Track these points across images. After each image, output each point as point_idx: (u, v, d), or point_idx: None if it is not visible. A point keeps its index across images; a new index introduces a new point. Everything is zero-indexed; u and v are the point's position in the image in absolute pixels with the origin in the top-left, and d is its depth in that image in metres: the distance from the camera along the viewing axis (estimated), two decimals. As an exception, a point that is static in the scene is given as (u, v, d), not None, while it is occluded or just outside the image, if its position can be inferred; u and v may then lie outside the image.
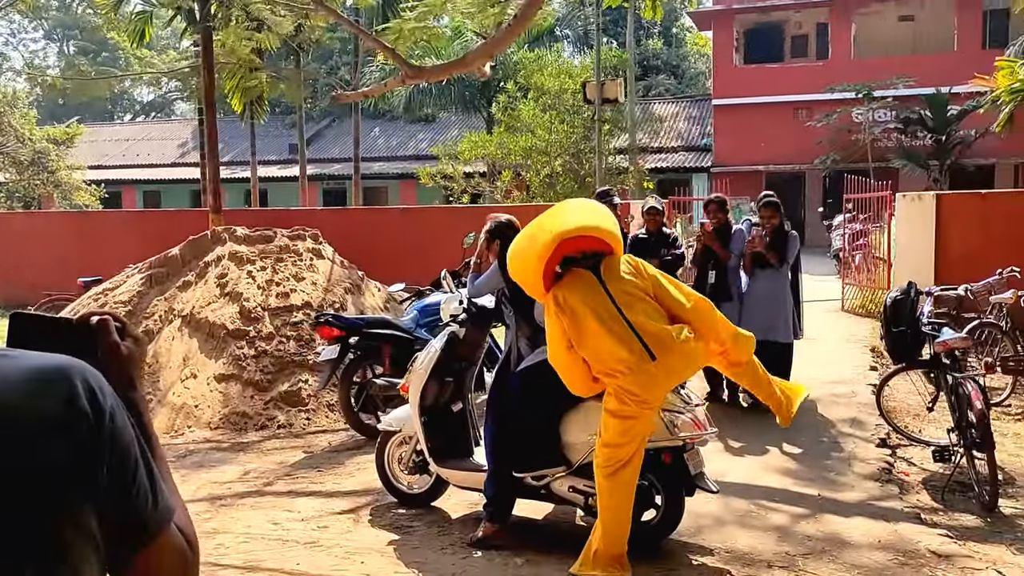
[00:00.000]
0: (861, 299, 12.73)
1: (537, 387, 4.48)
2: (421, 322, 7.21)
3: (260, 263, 8.42)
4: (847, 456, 5.83)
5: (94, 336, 1.15)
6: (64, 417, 0.98)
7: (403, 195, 30.33)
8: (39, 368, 1.00)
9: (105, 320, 1.16)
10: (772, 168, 25.97)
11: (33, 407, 0.97)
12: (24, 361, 1.00)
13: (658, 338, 3.83)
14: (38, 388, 0.98)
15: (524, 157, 19.63)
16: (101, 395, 1.02)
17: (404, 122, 34.36)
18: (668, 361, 3.84)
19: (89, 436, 0.99)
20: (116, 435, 1.03)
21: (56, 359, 1.02)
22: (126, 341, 1.17)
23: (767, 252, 6.72)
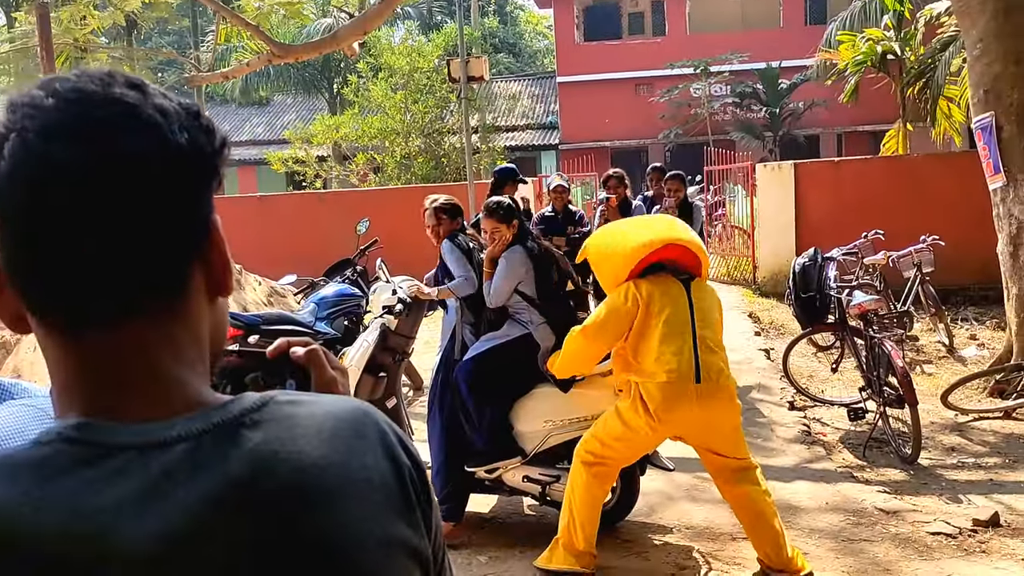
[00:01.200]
0: (726, 268, 13.29)
1: (487, 376, 4.31)
2: (320, 315, 6.83)
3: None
4: (767, 422, 6.02)
5: (294, 371, 0.91)
6: (394, 478, 0.76)
7: (242, 182, 28.97)
8: (340, 415, 0.76)
9: (316, 352, 0.91)
10: (617, 144, 26.69)
11: (358, 466, 0.74)
12: (320, 407, 0.76)
13: (712, 366, 3.69)
14: (354, 441, 0.75)
15: (379, 139, 19.13)
16: (411, 445, 0.81)
17: (237, 106, 32.79)
18: (707, 391, 3.66)
19: (417, 499, 0.78)
20: (434, 497, 0.82)
21: (348, 401, 0.79)
22: (337, 374, 0.93)
23: None
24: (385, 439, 0.77)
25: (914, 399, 5.00)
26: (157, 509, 0.65)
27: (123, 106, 0.70)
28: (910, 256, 8.23)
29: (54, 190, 0.66)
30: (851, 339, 5.94)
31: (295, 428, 0.72)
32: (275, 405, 0.73)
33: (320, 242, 11.96)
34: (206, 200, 0.75)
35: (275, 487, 0.69)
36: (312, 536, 0.69)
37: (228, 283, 0.78)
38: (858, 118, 22.85)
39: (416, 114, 19.04)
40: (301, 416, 0.73)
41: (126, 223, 0.68)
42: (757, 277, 12.01)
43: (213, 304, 0.78)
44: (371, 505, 0.73)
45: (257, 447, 0.69)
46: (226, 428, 0.70)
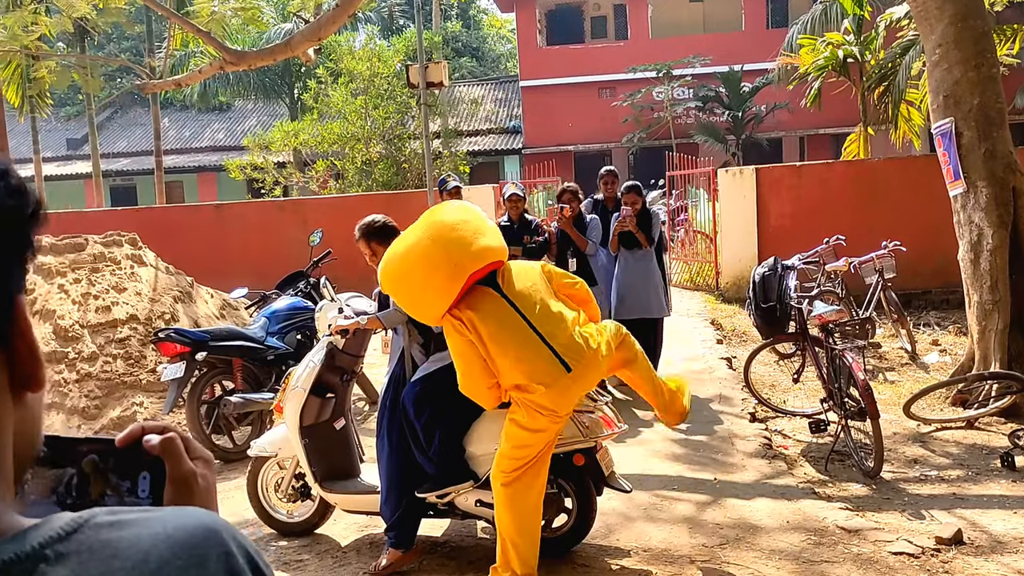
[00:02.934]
0: (688, 274, 13.24)
1: (435, 397, 4.15)
2: (272, 329, 6.63)
3: (73, 275, 7.42)
4: (727, 434, 5.91)
5: (147, 463, 0.76)
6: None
7: (202, 189, 28.52)
8: (176, 538, 0.61)
9: (171, 439, 0.77)
10: (581, 148, 26.65)
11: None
12: (148, 528, 0.61)
13: (572, 348, 3.60)
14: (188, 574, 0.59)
15: (339, 145, 18.87)
16: (263, 565, 0.66)
17: (197, 111, 32.28)
18: (583, 371, 3.63)
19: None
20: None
21: (190, 517, 0.64)
22: (197, 465, 0.78)
23: (638, 232, 6.71)
24: (230, 564, 0.63)
25: (876, 411, 4.91)
26: None
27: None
28: (872, 262, 8.20)
29: None
30: (812, 349, 5.86)
31: (111, 561, 0.57)
32: (90, 530, 0.59)
33: (279, 252, 11.71)
34: (12, 276, 0.63)
35: None
36: None
37: (39, 375, 0.65)
38: (820, 121, 22.98)
39: (377, 120, 18.82)
40: (122, 544, 0.59)
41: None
42: (720, 283, 11.96)
43: (20, 401, 0.65)
44: None
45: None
46: (20, 566, 0.55)
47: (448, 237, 3.55)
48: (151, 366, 7.04)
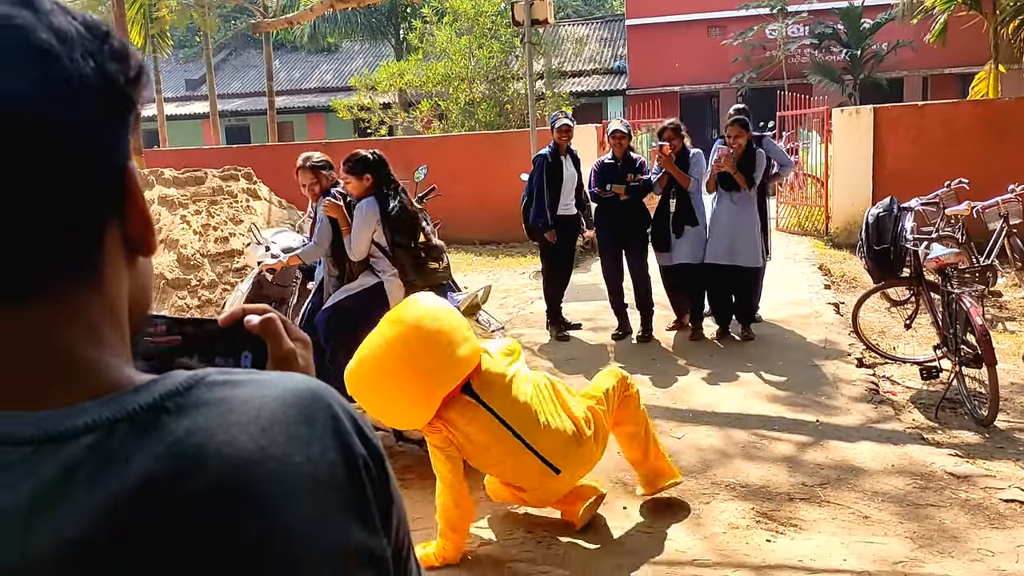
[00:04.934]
0: (797, 218, 12.84)
1: (342, 324, 4.54)
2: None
3: (194, 207, 7.79)
4: (832, 378, 5.79)
5: (248, 343, 0.79)
6: (346, 472, 0.64)
7: (311, 129, 29.17)
8: (285, 397, 0.63)
9: (272, 320, 0.78)
10: (687, 88, 25.94)
11: (300, 461, 0.61)
12: (261, 388, 0.63)
13: (557, 450, 3.48)
14: (298, 429, 0.62)
15: (443, 85, 18.92)
16: (369, 431, 0.68)
17: (306, 53, 32.87)
18: (572, 469, 3.57)
19: (375, 495, 0.66)
20: (396, 489, 0.69)
21: (297, 380, 0.66)
22: (296, 345, 0.80)
23: (736, 174, 6.50)
24: (337, 425, 0.65)
25: (993, 358, 4.71)
26: (53, 514, 0.54)
27: (12, 31, 0.57)
28: (996, 207, 7.77)
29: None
30: (927, 294, 5.63)
31: (228, 415, 0.59)
32: (206, 387, 0.61)
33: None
34: (119, 143, 0.63)
35: (200, 488, 0.56)
36: (246, 547, 0.57)
37: (151, 240, 0.66)
38: (946, 60, 21.65)
39: (480, 59, 18.75)
40: (236, 400, 0.61)
41: (23, 181, 0.56)
42: (830, 228, 11.56)
43: (133, 266, 0.67)
44: (317, 506, 0.61)
45: (180, 439, 0.57)
46: (144, 415, 0.58)
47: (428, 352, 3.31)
48: (265, 295, 7.36)
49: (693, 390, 5.72)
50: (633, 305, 7.12)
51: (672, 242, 6.79)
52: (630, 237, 6.95)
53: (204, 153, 14.31)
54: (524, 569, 3.43)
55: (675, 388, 5.78)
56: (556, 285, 7.30)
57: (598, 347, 6.96)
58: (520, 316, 8.25)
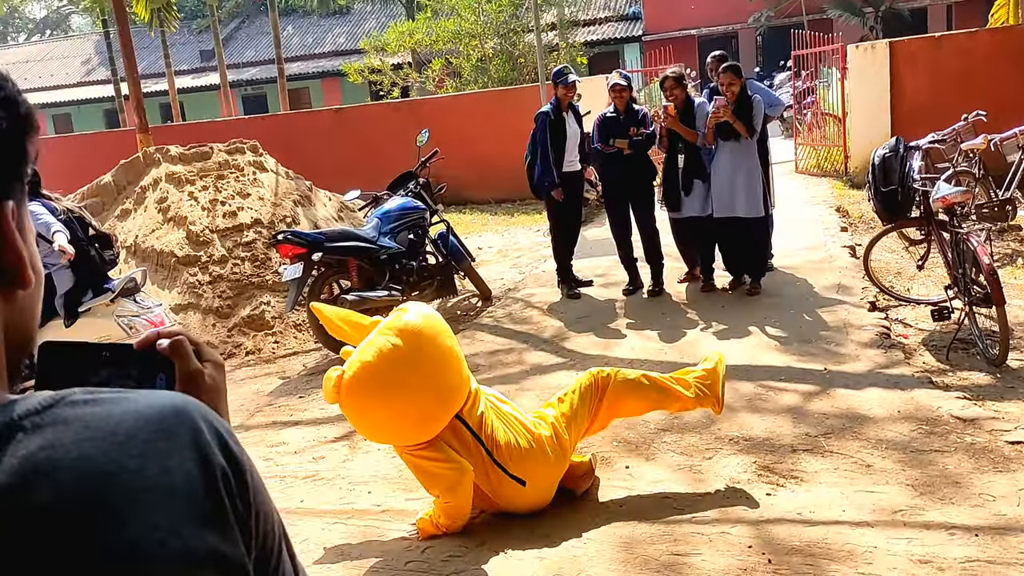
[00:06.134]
0: (816, 159, 12.60)
1: None
2: (384, 229, 6.80)
3: (200, 182, 7.82)
4: (842, 324, 5.71)
5: (162, 365, 0.83)
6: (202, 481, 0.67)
7: (326, 94, 29.03)
8: (146, 413, 0.67)
9: (180, 342, 0.83)
10: (704, 31, 25.39)
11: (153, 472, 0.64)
12: (121, 405, 0.67)
13: (525, 467, 3.45)
14: (155, 444, 0.66)
15: (453, 43, 18.70)
16: (233, 443, 0.71)
17: (318, 17, 32.66)
18: (536, 480, 3.51)
19: (232, 504, 0.68)
20: (260, 497, 0.72)
21: (163, 397, 0.70)
22: (206, 366, 0.85)
23: (736, 122, 6.33)
24: (198, 438, 0.68)
25: (1001, 298, 4.61)
26: None
27: None
28: (1015, 138, 7.54)
29: None
30: (938, 234, 5.51)
31: (84, 431, 0.63)
32: (66, 405, 0.65)
33: (396, 153, 11.86)
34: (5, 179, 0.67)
35: (47, 499, 0.60)
36: (92, 553, 0.60)
37: (24, 275, 0.69)
38: (970, -14, 20.97)
39: (490, 14, 18.47)
40: (95, 417, 0.65)
41: None
42: (849, 168, 11.34)
43: (11, 299, 0.70)
44: (169, 515, 0.64)
45: (31, 454, 0.61)
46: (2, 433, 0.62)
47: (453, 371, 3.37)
48: (276, 267, 7.40)
49: (701, 343, 5.68)
50: (643, 259, 7.06)
51: (682, 199, 6.68)
52: (636, 191, 6.87)
53: (215, 126, 14.34)
54: (523, 534, 3.45)
55: (683, 342, 5.74)
56: (564, 243, 7.25)
57: (609, 303, 6.92)
58: (532, 275, 8.23)
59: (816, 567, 3.02)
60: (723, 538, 3.28)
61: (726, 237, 6.62)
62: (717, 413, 3.99)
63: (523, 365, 5.70)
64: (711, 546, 3.23)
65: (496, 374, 5.54)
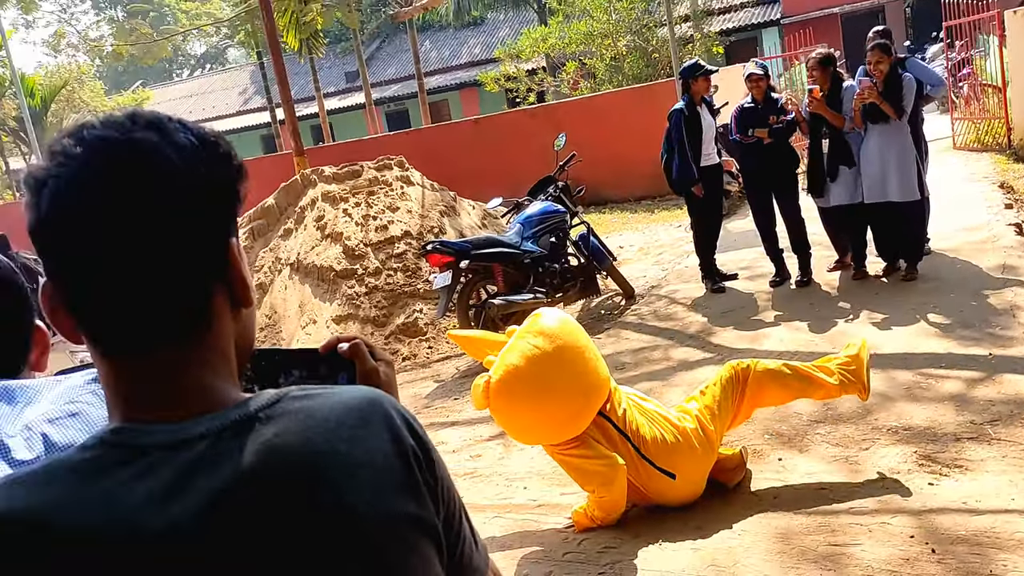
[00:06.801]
0: (975, 133, 11.88)
1: None
2: (526, 234, 6.99)
3: (353, 199, 8.29)
4: (1008, 307, 5.42)
5: (344, 365, 1.01)
6: (398, 459, 0.84)
7: (465, 105, 29.74)
8: (349, 404, 0.84)
9: (357, 345, 1.01)
10: (847, 8, 24.29)
11: (361, 452, 0.82)
12: (329, 399, 0.84)
13: (673, 460, 3.52)
14: (358, 429, 0.83)
15: (586, 44, 18.80)
16: (417, 426, 0.88)
17: (453, 30, 33.52)
18: (686, 474, 3.56)
19: (423, 476, 0.86)
20: (442, 471, 0.89)
21: (360, 391, 0.87)
22: (379, 365, 1.02)
23: (883, 103, 6.10)
24: (390, 423, 0.85)
25: None
26: (181, 499, 0.74)
27: (143, 151, 0.78)
28: None
29: (83, 234, 0.76)
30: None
31: (305, 420, 0.80)
32: (288, 400, 0.82)
33: (534, 158, 12.08)
34: (225, 225, 0.83)
35: (284, 475, 0.78)
36: (320, 516, 0.78)
37: (247, 297, 0.86)
38: None
39: (622, 12, 18.45)
40: (311, 409, 0.82)
41: (152, 260, 0.77)
42: (1012, 140, 10.63)
43: (238, 317, 0.87)
44: (375, 485, 0.81)
45: (269, 440, 0.78)
46: (243, 424, 0.79)
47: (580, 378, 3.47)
48: (426, 276, 7.74)
49: (853, 333, 5.51)
50: (789, 249, 6.93)
51: (827, 186, 6.51)
52: (779, 180, 6.75)
53: (361, 144, 15.06)
54: (677, 526, 3.52)
55: (834, 332, 5.61)
56: (707, 237, 7.22)
57: (755, 296, 6.84)
58: (675, 271, 8.22)
59: (984, 557, 2.94)
60: (883, 528, 3.24)
61: (879, 222, 6.40)
62: (863, 399, 3.93)
63: (669, 361, 5.74)
64: (871, 536, 3.19)
65: (642, 371, 5.61)
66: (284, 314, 7.84)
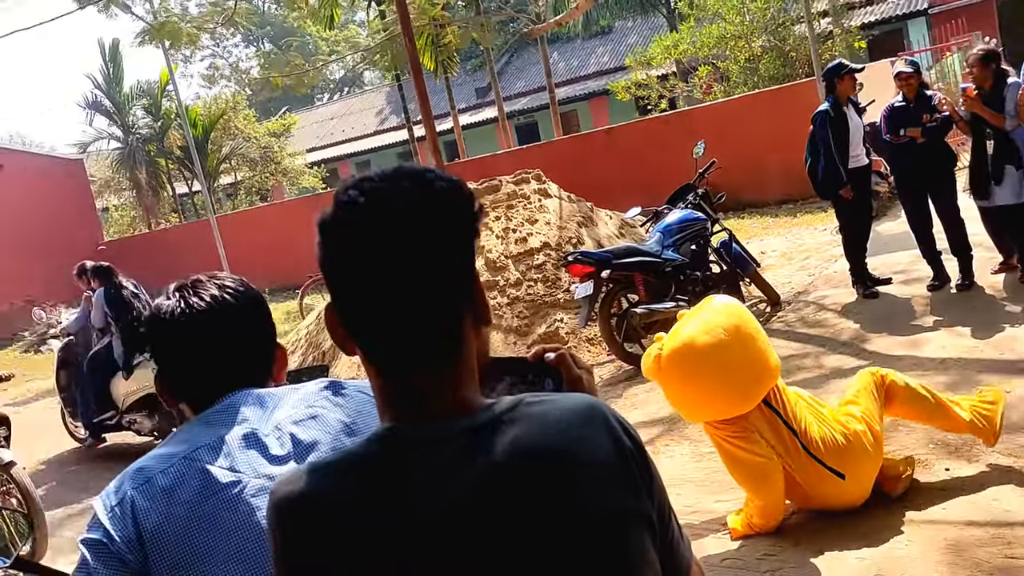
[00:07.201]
0: None
1: None
2: (666, 243, 6.99)
3: (493, 213, 8.50)
4: None
5: (549, 372, 1.13)
6: (617, 457, 0.96)
7: (594, 115, 29.78)
8: (575, 409, 0.97)
9: (563, 355, 1.13)
10: (1004, -9, 22.83)
11: (588, 451, 0.94)
12: (556, 405, 0.97)
13: (843, 460, 3.45)
14: (584, 430, 0.95)
15: (719, 47, 18.49)
16: (631, 428, 0.99)
17: (581, 40, 33.68)
18: (857, 476, 3.49)
19: (639, 472, 0.97)
20: (654, 468, 1.00)
21: (580, 398, 1.00)
22: (582, 372, 1.14)
23: None
24: (609, 426, 0.97)
25: None
26: (448, 488, 0.90)
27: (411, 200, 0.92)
28: None
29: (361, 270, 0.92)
30: None
31: (541, 423, 0.94)
32: (524, 406, 0.96)
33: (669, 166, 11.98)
34: (472, 253, 0.98)
35: (528, 468, 0.91)
36: (560, 507, 0.91)
37: (488, 316, 1.01)
38: None
39: (756, 12, 18.07)
40: (544, 413, 0.95)
41: (420, 290, 0.92)
42: None
43: (479, 332, 1.01)
44: (601, 480, 0.93)
45: (516, 438, 0.92)
46: (492, 425, 0.94)
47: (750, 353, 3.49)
48: (566, 286, 7.84)
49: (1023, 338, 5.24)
50: (948, 251, 6.61)
51: (991, 188, 6.20)
52: (935, 180, 6.45)
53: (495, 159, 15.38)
54: (840, 534, 3.45)
55: (1000, 338, 5.33)
56: (857, 241, 6.98)
57: (911, 301, 6.56)
58: (822, 276, 7.99)
59: None
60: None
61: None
62: (990, 445, 3.75)
63: (821, 369, 5.60)
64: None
65: (794, 379, 5.49)
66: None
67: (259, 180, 25.50)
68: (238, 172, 25.85)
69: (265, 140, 24.55)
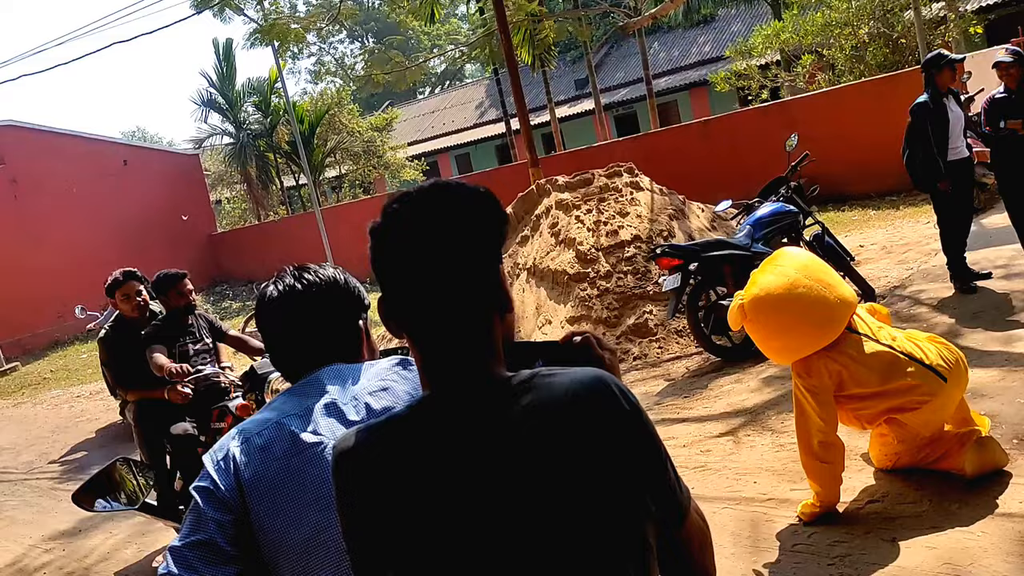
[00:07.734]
0: None
1: None
2: (756, 236, 7.01)
3: (585, 206, 8.66)
4: None
5: (578, 352, 1.30)
6: (620, 420, 1.12)
7: (694, 105, 29.41)
8: (582, 380, 1.13)
9: (588, 338, 1.31)
10: None
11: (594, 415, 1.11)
12: (567, 377, 1.14)
13: (940, 360, 3.63)
14: (590, 397, 1.12)
15: (823, 35, 18.01)
16: (632, 395, 1.16)
17: (682, 29, 33.26)
18: (955, 380, 3.64)
19: (641, 432, 1.13)
20: (652, 428, 1.16)
21: (588, 370, 1.16)
22: (604, 353, 1.30)
23: None
24: (611, 393, 1.14)
25: None
26: (472, 442, 1.11)
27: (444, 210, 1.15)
28: None
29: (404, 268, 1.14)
30: None
31: (551, 392, 1.13)
32: (539, 378, 1.15)
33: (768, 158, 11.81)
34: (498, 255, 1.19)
35: (540, 429, 1.11)
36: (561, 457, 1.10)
37: (510, 304, 1.22)
38: None
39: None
40: (555, 381, 1.14)
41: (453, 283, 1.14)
42: None
43: (503, 319, 1.22)
44: (605, 436, 1.11)
45: (528, 404, 1.12)
46: (511, 392, 1.14)
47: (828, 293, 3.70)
48: (656, 278, 7.94)
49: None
50: (1053, 245, 6.42)
51: None
52: (1036, 173, 6.29)
53: (590, 151, 15.46)
54: (911, 523, 3.50)
55: (1102, 334, 5.18)
56: (955, 234, 6.83)
57: (1011, 296, 6.39)
58: (920, 271, 7.84)
59: None
60: None
61: None
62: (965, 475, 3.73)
63: (910, 363, 5.55)
64: None
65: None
66: (522, 315, 8.35)
67: (362, 173, 26.33)
68: (342, 166, 26.77)
69: (368, 134, 25.34)
